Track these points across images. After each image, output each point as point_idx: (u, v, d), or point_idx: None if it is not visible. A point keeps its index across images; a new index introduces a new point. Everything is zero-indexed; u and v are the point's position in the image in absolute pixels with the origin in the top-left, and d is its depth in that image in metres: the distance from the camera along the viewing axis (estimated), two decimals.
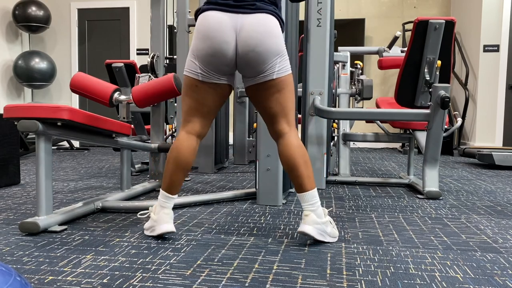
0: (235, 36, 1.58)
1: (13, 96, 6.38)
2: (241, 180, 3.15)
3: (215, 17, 1.59)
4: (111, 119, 2.04)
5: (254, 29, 1.58)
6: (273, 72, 1.63)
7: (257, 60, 1.60)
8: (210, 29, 1.58)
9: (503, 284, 1.25)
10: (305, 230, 1.57)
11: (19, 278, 0.80)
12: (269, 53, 1.60)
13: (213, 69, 1.63)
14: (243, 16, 1.59)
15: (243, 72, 1.67)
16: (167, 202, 1.66)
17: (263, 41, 1.58)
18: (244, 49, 1.58)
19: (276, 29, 1.61)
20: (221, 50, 1.59)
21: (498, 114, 5.43)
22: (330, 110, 2.61)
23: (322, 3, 2.66)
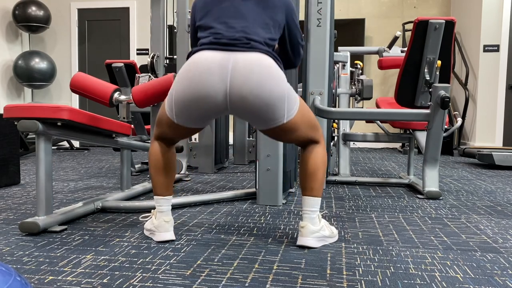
0: (227, 78, 1.43)
1: (13, 96, 6.38)
2: (241, 180, 3.15)
3: (203, 56, 1.46)
4: (111, 119, 2.04)
5: (250, 69, 1.43)
6: (283, 118, 1.50)
7: (258, 106, 1.45)
8: (195, 70, 1.45)
9: (503, 284, 1.25)
10: (304, 244, 1.56)
11: (19, 278, 0.80)
12: (272, 97, 1.45)
13: (192, 115, 1.51)
14: (236, 54, 1.46)
15: (246, 119, 1.55)
16: (162, 206, 1.65)
17: (261, 83, 1.43)
18: (239, 93, 1.44)
19: (275, 69, 1.47)
20: (205, 95, 1.44)
21: (498, 114, 5.43)
22: (330, 110, 2.61)
23: (322, 3, 2.66)
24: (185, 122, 1.54)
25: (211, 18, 1.56)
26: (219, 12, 1.56)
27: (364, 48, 4.38)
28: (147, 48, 6.38)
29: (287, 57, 1.74)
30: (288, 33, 1.67)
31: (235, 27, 1.52)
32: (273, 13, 1.58)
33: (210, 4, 1.59)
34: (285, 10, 1.62)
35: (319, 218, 1.62)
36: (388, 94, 6.49)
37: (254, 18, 1.55)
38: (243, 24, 1.53)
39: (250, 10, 1.56)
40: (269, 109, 1.47)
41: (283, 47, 1.71)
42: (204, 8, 1.60)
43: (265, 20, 1.56)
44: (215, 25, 1.54)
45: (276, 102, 1.46)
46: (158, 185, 1.65)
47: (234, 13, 1.55)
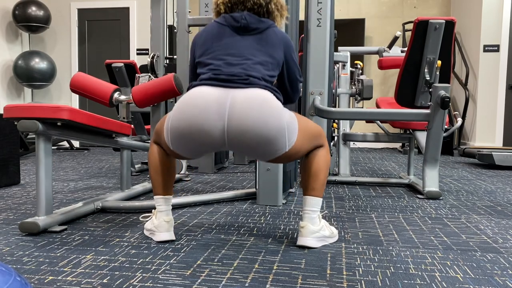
0: (225, 115, 1.43)
1: (13, 96, 6.38)
2: (241, 180, 3.15)
3: (202, 92, 1.47)
4: (111, 119, 2.04)
5: (249, 105, 1.43)
6: (284, 147, 1.49)
7: (257, 141, 1.45)
8: (193, 106, 1.44)
9: (503, 284, 1.25)
10: (304, 244, 1.56)
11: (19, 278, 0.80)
12: (272, 132, 1.44)
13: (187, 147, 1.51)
14: (235, 91, 1.46)
15: (246, 154, 1.54)
16: (161, 205, 1.65)
17: (260, 119, 1.42)
18: (238, 129, 1.43)
19: (273, 103, 1.47)
20: (202, 131, 1.44)
21: (498, 114, 5.43)
22: (330, 110, 2.61)
23: (322, 3, 2.66)
24: (179, 151, 1.55)
25: (210, 55, 1.58)
26: (218, 49, 1.58)
27: (364, 48, 4.38)
28: (147, 48, 6.38)
29: (285, 93, 1.76)
30: (286, 70, 1.69)
31: (234, 64, 1.53)
32: (272, 50, 1.60)
33: (210, 41, 1.60)
34: (283, 47, 1.63)
35: (319, 218, 1.62)
36: (388, 94, 6.49)
37: (253, 55, 1.56)
38: (242, 61, 1.54)
39: (249, 47, 1.57)
40: (270, 143, 1.46)
41: (281, 83, 1.73)
42: (204, 45, 1.61)
43: (264, 57, 1.57)
44: (214, 62, 1.55)
45: (276, 136, 1.45)
46: (158, 185, 1.65)
47: (233, 50, 1.56)
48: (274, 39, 1.61)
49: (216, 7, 1.70)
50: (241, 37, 1.59)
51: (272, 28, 1.63)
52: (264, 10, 1.64)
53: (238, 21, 1.59)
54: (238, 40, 1.58)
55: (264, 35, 1.60)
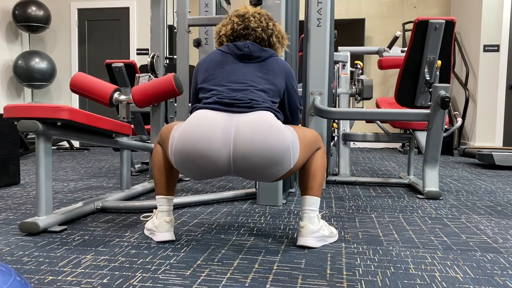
0: (230, 142, 1.44)
1: (13, 96, 6.38)
2: (241, 180, 3.15)
3: (207, 116, 1.48)
4: (111, 119, 2.04)
5: (252, 130, 1.44)
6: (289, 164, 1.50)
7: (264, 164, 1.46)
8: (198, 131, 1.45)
9: (503, 284, 1.25)
10: (305, 244, 1.56)
11: (19, 278, 0.80)
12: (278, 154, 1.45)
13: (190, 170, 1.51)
14: (239, 116, 1.48)
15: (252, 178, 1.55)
16: (163, 205, 1.65)
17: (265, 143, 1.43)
18: (244, 155, 1.44)
19: (275, 122, 1.48)
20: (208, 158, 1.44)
21: (498, 114, 5.43)
22: (330, 110, 2.61)
23: (322, 3, 2.66)
24: (183, 172, 1.55)
25: (213, 81, 1.60)
26: (221, 76, 1.60)
27: (364, 48, 4.38)
28: (147, 48, 6.38)
29: (286, 121, 1.79)
30: (287, 98, 1.71)
31: (237, 90, 1.56)
32: (273, 78, 1.63)
33: (213, 68, 1.63)
34: (285, 76, 1.67)
35: (318, 218, 1.62)
36: (388, 94, 6.49)
37: (256, 82, 1.59)
38: (245, 87, 1.56)
39: (252, 74, 1.60)
40: (276, 164, 1.47)
41: (282, 111, 1.75)
42: (207, 71, 1.64)
43: (266, 85, 1.60)
44: (217, 88, 1.58)
45: (283, 156, 1.47)
46: (161, 185, 1.65)
47: (235, 77, 1.59)
48: (275, 68, 1.64)
49: (219, 38, 1.73)
50: (243, 64, 1.62)
51: (274, 57, 1.67)
52: (266, 43, 1.70)
53: (241, 49, 1.62)
54: (240, 67, 1.61)
55: (266, 63, 1.64)
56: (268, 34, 1.69)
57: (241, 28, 1.67)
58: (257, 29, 1.67)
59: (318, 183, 1.60)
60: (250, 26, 1.67)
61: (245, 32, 1.67)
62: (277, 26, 1.73)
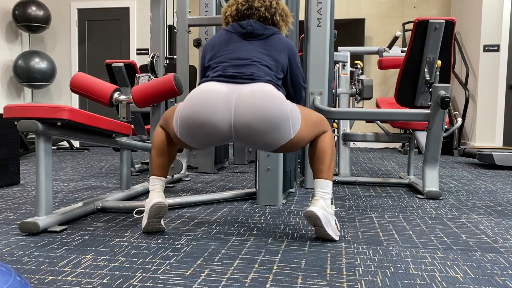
0: (232, 108, 1.52)
1: (13, 96, 6.38)
2: (241, 180, 3.15)
3: (210, 86, 1.56)
4: (111, 119, 2.04)
5: (252, 96, 1.51)
6: (289, 134, 1.55)
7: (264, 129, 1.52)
8: (202, 98, 1.53)
9: (503, 284, 1.25)
10: (313, 210, 1.58)
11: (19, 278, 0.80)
12: (277, 119, 1.51)
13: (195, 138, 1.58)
14: (241, 86, 1.56)
15: (253, 145, 1.60)
16: (155, 184, 1.71)
17: (264, 107, 1.50)
18: (244, 119, 1.51)
19: (276, 93, 1.55)
20: (211, 122, 1.52)
21: (498, 114, 5.43)
22: (330, 110, 2.61)
23: (322, 3, 2.66)
24: (187, 141, 1.63)
25: (218, 59, 1.68)
26: (226, 53, 1.68)
27: (364, 48, 4.38)
28: (147, 48, 6.38)
29: (289, 98, 1.84)
30: (290, 74, 1.77)
31: (241, 65, 1.62)
32: (277, 54, 1.69)
33: (218, 46, 1.72)
34: (287, 52, 1.73)
35: (332, 208, 1.65)
36: (388, 94, 6.49)
37: (260, 58, 1.66)
38: (249, 63, 1.63)
39: (255, 51, 1.67)
40: (275, 129, 1.53)
41: (285, 88, 1.80)
42: (213, 50, 1.73)
43: (270, 61, 1.67)
44: (222, 64, 1.65)
45: (280, 121, 1.52)
46: (157, 166, 1.72)
47: (240, 54, 1.66)
48: (278, 44, 1.71)
49: (225, 19, 1.83)
50: (247, 42, 1.69)
51: (277, 35, 1.74)
52: (269, 22, 1.77)
53: (244, 28, 1.70)
54: (245, 44, 1.69)
55: (269, 40, 1.71)
56: (272, 12, 1.75)
57: (245, 8, 1.76)
58: (260, 8, 1.74)
59: (327, 165, 1.64)
60: (254, 6, 1.75)
61: (249, 12, 1.75)
62: (280, 5, 1.79)
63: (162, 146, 1.72)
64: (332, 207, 1.67)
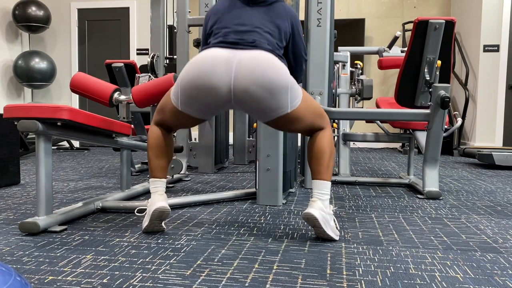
0: (231, 71, 1.52)
1: (13, 96, 6.38)
2: (241, 180, 3.15)
3: (212, 51, 1.56)
4: (111, 119, 2.04)
5: (255, 62, 1.52)
6: (287, 107, 1.56)
7: (263, 95, 1.52)
8: (203, 62, 1.54)
9: (503, 284, 1.25)
10: (311, 212, 1.58)
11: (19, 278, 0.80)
12: (276, 86, 1.51)
13: (196, 104, 1.58)
14: (242, 52, 1.56)
15: (251, 112, 1.61)
16: (156, 186, 1.71)
17: (265, 73, 1.50)
18: (243, 83, 1.51)
19: (278, 62, 1.55)
20: (211, 85, 1.52)
21: (498, 114, 5.43)
22: (330, 110, 2.61)
23: (322, 3, 2.66)
24: (190, 111, 1.61)
25: (220, 25, 1.67)
26: (228, 19, 1.67)
27: (364, 48, 4.38)
28: (147, 48, 6.38)
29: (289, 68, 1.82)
30: (292, 44, 1.76)
31: (243, 31, 1.62)
32: (279, 21, 1.68)
33: (221, 12, 1.71)
34: (290, 19, 1.72)
35: (331, 208, 1.65)
36: (388, 94, 6.49)
37: (262, 25, 1.65)
38: (251, 29, 1.62)
39: (258, 17, 1.66)
40: (272, 98, 1.52)
41: (286, 58, 1.78)
42: (215, 16, 1.72)
43: (272, 27, 1.66)
44: (224, 30, 1.64)
45: (279, 91, 1.52)
46: (156, 168, 1.71)
47: (242, 20, 1.65)
48: (281, 12, 1.70)
49: None
50: (250, 8, 1.68)
51: (280, 2, 1.73)
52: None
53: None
54: (247, 10, 1.68)
55: (272, 7, 1.70)
56: None
57: None
58: None
59: (325, 166, 1.63)
60: None
61: None
62: None
63: (159, 146, 1.71)
64: (331, 206, 1.66)
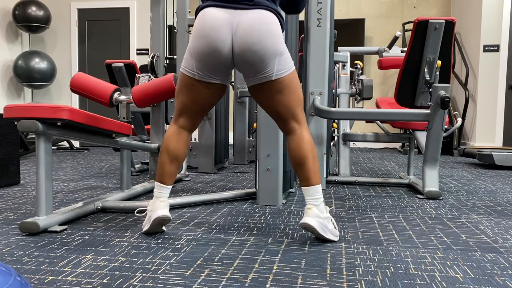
0: (232, 34, 1.56)
1: (13, 96, 6.38)
2: (241, 180, 3.15)
3: (212, 14, 1.58)
4: (111, 119, 2.04)
5: (252, 27, 1.55)
6: (272, 73, 1.60)
7: (254, 59, 1.57)
8: (206, 27, 1.57)
9: (503, 284, 1.25)
10: (307, 222, 1.57)
11: (19, 278, 0.80)
12: (267, 53, 1.57)
13: (209, 68, 1.62)
14: (241, 13, 1.56)
15: (242, 71, 1.65)
16: (161, 192, 1.69)
17: (260, 39, 1.55)
18: (241, 47, 1.56)
19: (275, 27, 1.58)
20: (216, 48, 1.57)
21: (498, 114, 5.43)
22: (330, 110, 2.61)
23: (322, 3, 2.66)
24: (205, 75, 1.64)
25: None
26: None
27: (364, 48, 4.38)
28: (147, 48, 6.38)
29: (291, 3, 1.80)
30: None
31: None
32: None
33: None
34: None
35: (326, 210, 1.64)
36: (388, 94, 6.49)
37: None
38: None
39: None
40: (262, 62, 1.57)
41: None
42: None
43: None
44: None
45: (269, 56, 1.57)
46: (166, 173, 1.70)
47: None
48: None
49: None
50: None
51: None
52: None
53: None
54: None
55: None
56: None
57: None
58: None
59: (311, 171, 1.62)
60: None
61: None
62: None
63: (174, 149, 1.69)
64: (327, 208, 1.65)
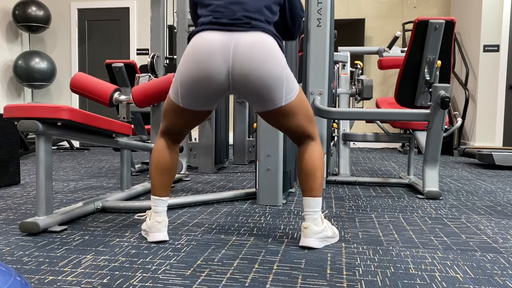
0: (229, 58, 1.45)
1: (13, 96, 6.38)
2: (241, 180, 3.15)
3: (206, 38, 1.47)
4: (111, 119, 2.04)
5: (252, 50, 1.44)
6: (281, 100, 1.52)
7: (257, 86, 1.48)
8: (200, 52, 1.46)
9: (503, 284, 1.25)
10: (308, 245, 1.55)
11: (19, 278, 0.80)
12: (271, 78, 1.47)
13: (196, 96, 1.52)
14: (238, 34, 1.46)
15: (245, 99, 1.57)
16: (158, 206, 1.64)
17: (262, 64, 1.45)
18: (241, 72, 1.46)
19: (275, 50, 1.49)
20: (210, 74, 1.46)
21: (498, 114, 5.43)
22: (330, 110, 2.61)
23: (322, 3, 2.66)
24: (190, 104, 1.54)
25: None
26: None
27: (364, 48, 4.38)
28: (147, 48, 6.38)
29: (286, 28, 1.73)
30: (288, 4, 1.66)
31: (235, 3, 1.51)
32: None
33: None
34: None
35: (322, 219, 1.61)
36: (388, 94, 6.49)
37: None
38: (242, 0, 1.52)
39: None
40: (269, 90, 1.48)
41: (283, 18, 1.69)
42: None
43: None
44: (213, 2, 1.53)
45: (275, 83, 1.48)
46: (157, 185, 1.65)
47: None
48: None
49: None
50: None
51: None
52: None
53: None
54: None
55: None
56: None
57: None
58: None
59: (318, 183, 1.59)
60: None
61: None
62: None
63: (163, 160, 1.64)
64: (322, 215, 1.62)
